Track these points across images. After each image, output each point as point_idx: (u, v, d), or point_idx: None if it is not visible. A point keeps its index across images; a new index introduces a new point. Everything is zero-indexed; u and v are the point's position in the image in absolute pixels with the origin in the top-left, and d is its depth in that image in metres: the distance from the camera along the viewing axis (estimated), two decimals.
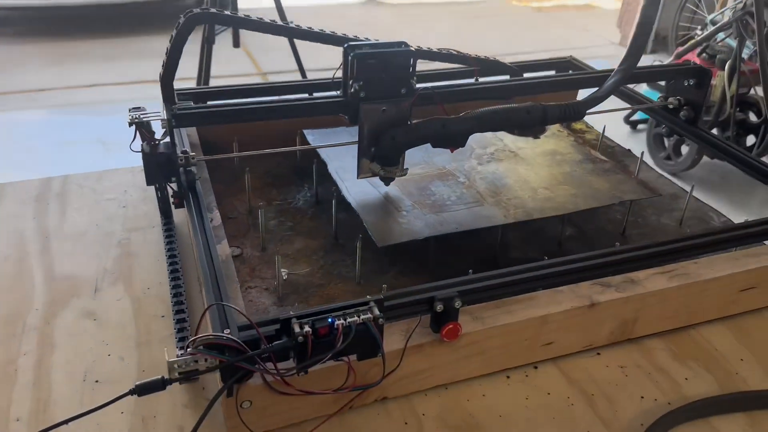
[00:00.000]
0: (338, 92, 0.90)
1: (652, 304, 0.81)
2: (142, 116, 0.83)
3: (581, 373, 0.78)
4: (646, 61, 3.34)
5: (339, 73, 0.90)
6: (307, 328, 0.61)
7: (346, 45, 0.85)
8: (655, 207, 1.10)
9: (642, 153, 1.14)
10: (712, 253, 0.86)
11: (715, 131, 3.05)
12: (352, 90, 0.86)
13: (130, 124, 0.83)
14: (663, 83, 1.24)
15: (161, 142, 0.85)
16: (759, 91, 2.98)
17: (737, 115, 2.92)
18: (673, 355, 0.82)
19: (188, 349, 0.60)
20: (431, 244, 0.91)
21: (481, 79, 1.01)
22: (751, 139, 3.00)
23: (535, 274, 0.75)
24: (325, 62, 0.86)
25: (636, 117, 3.48)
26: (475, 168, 1.05)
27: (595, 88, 1.02)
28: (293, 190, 1.11)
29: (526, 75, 1.17)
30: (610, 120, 1.21)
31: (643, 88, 3.16)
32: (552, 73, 1.31)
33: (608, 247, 0.98)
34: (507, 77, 1.12)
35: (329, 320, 0.63)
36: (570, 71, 1.35)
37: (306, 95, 1.01)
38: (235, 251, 0.95)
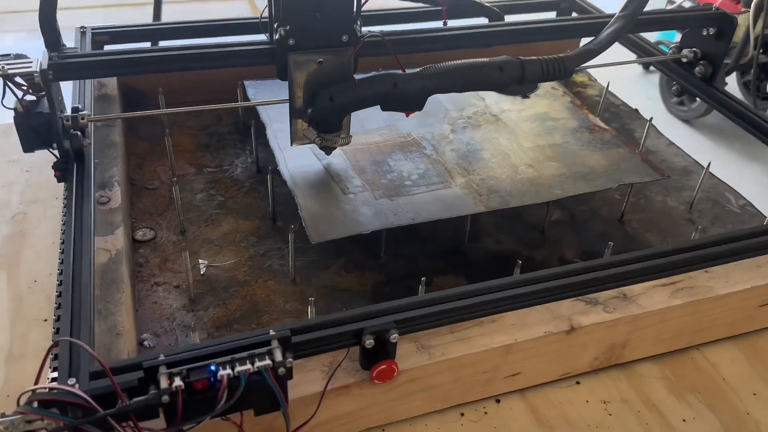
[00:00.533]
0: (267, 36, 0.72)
1: (648, 325, 0.65)
2: (8, 67, 0.65)
3: (554, 410, 0.63)
4: None
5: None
6: (178, 382, 0.46)
7: None
8: (662, 185, 0.93)
9: (651, 118, 0.95)
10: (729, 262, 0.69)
11: (734, 75, 2.81)
12: (278, 36, 0.67)
13: None
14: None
15: (40, 98, 0.68)
16: None
17: (760, 57, 2.67)
18: (669, 386, 0.66)
19: (19, 406, 0.45)
20: (383, 233, 0.75)
21: (450, 23, 0.81)
22: None
23: (501, 296, 0.58)
24: None
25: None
26: (447, 136, 0.87)
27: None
28: (231, 155, 0.94)
29: (516, 18, 0.97)
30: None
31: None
32: (550, 16, 1.10)
33: (601, 236, 0.82)
34: (485, 21, 0.92)
35: (211, 368, 0.47)
36: (573, 13, 1.15)
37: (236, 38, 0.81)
38: (147, 234, 0.78)
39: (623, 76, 1.09)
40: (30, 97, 0.69)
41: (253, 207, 0.84)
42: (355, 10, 0.68)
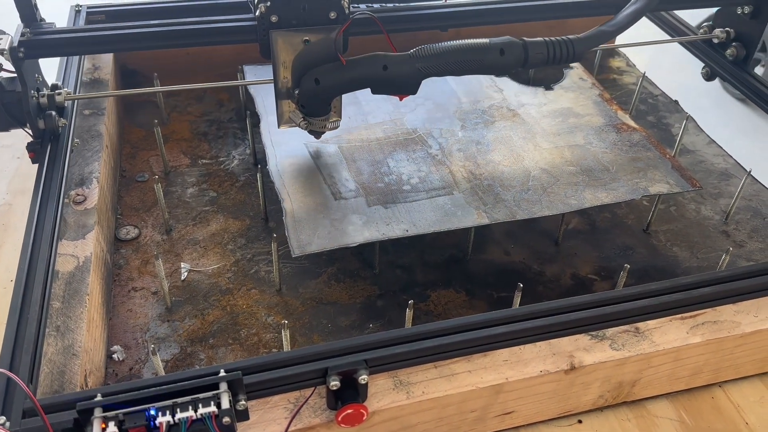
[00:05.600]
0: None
1: (661, 363, 0.58)
2: None
3: None
4: None
5: None
6: (112, 428, 0.42)
7: None
8: (697, 191, 0.84)
9: (687, 117, 0.86)
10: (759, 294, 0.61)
11: None
12: (259, 12, 0.62)
13: None
14: None
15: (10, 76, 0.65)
16: None
17: None
18: (684, 429, 0.60)
19: None
20: (377, 242, 0.69)
21: None
22: None
23: (493, 333, 0.52)
24: None
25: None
26: (456, 133, 0.79)
27: None
28: (230, 144, 0.88)
29: None
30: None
31: None
32: None
33: (622, 249, 0.75)
34: None
35: (150, 412, 0.42)
36: None
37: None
38: (131, 233, 0.74)
39: (674, 47, 0.99)
40: (6, 74, 0.66)
41: (246, 205, 0.79)
42: None
